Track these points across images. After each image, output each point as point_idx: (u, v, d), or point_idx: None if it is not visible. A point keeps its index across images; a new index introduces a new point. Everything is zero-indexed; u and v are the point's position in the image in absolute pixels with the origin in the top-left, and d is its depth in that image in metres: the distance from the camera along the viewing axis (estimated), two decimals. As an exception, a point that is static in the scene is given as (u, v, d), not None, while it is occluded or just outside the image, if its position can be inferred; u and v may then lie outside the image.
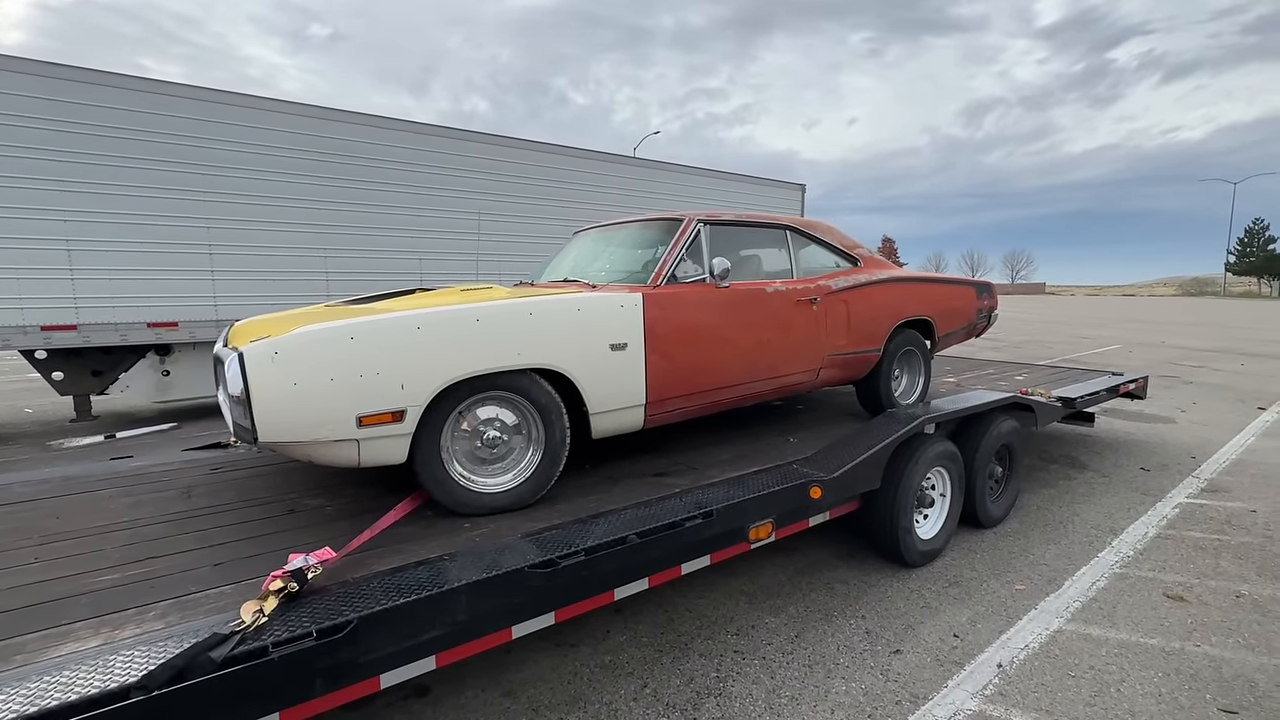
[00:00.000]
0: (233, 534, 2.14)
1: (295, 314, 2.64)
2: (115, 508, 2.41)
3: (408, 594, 1.71)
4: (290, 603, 1.64)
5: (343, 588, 1.76)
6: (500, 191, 8.61)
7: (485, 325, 2.21)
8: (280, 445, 1.93)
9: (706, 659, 2.57)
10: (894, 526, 3.16)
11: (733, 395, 3.08)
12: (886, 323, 3.70)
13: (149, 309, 6.44)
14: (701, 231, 3.03)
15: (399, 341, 2.04)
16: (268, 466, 2.98)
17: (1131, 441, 5.97)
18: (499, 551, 1.99)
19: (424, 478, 2.20)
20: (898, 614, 2.89)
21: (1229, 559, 3.42)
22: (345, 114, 7.31)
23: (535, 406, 2.36)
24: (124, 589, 1.75)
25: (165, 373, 6.85)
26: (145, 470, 2.91)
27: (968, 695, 2.32)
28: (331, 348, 1.94)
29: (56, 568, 1.88)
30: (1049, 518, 4.04)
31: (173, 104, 6.36)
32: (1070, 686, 2.36)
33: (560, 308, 2.42)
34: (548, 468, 2.40)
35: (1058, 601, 2.99)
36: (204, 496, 2.53)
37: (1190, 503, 4.29)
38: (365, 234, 7.60)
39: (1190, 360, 11.82)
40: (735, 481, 2.70)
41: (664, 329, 2.67)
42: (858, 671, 2.47)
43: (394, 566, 1.89)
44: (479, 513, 2.29)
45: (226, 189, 6.72)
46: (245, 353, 1.81)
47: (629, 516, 2.30)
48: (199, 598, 1.71)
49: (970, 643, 2.66)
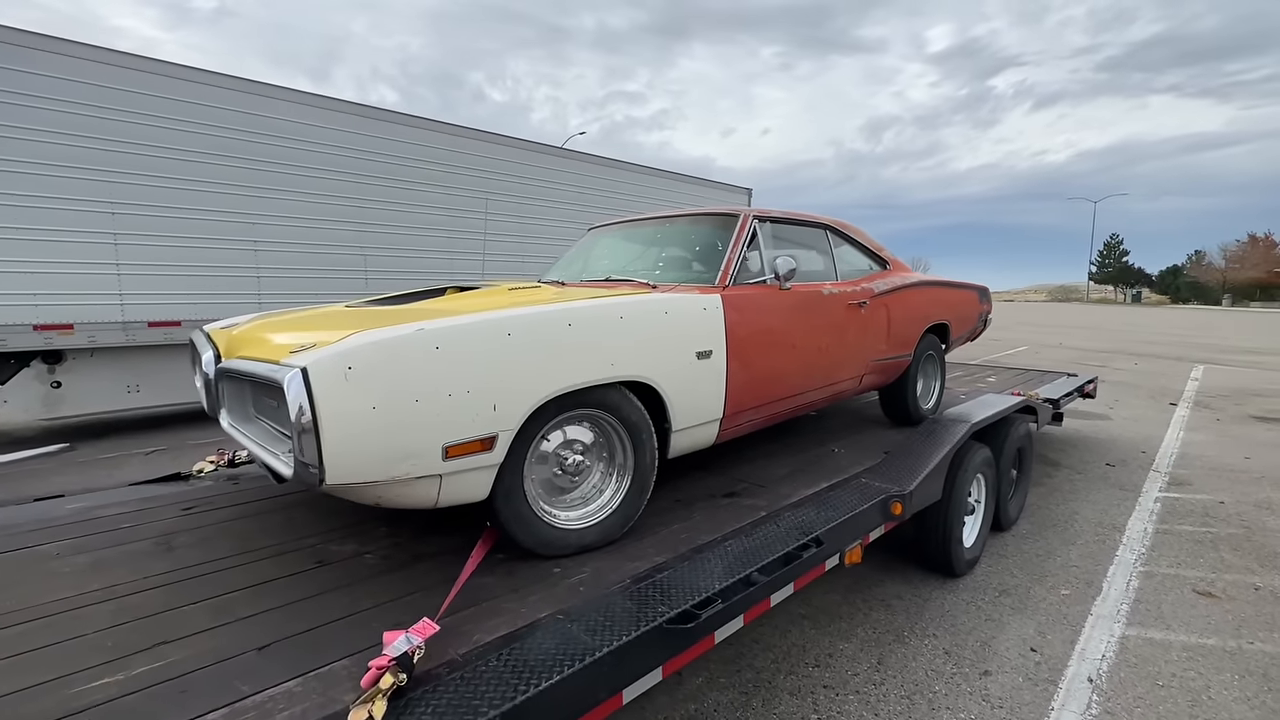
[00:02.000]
0: (257, 601, 1.66)
1: (311, 316, 2.15)
2: (71, 570, 1.83)
3: (543, 673, 1.35)
4: (397, 701, 1.24)
5: (451, 671, 1.36)
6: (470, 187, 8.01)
7: (577, 331, 1.86)
8: (351, 487, 1.49)
9: (799, 698, 2.33)
10: (947, 538, 3.06)
11: (792, 405, 2.87)
12: (918, 326, 3.63)
13: (36, 308, 5.39)
14: (758, 229, 2.79)
15: (489, 352, 1.65)
16: (256, 503, 2.43)
17: (1084, 438, 6.35)
18: (617, 604, 1.65)
19: (504, 515, 1.81)
20: (966, 629, 2.78)
21: (1228, 551, 3.60)
22: (236, 80, 6.39)
23: (625, 425, 2.02)
24: (143, 695, 1.26)
25: (55, 384, 5.76)
26: (91, 514, 2.28)
27: (1076, 717, 2.22)
28: (414, 360, 1.52)
29: (23, 669, 1.35)
30: (1053, 516, 4.13)
31: (66, 64, 5.35)
32: (1166, 699, 2.32)
33: (647, 310, 2.09)
34: (637, 496, 2.07)
35: (1106, 605, 3.00)
36: (191, 549, 1.99)
37: (1166, 497, 4.55)
38: (299, 225, 6.78)
39: (1092, 360, 12.97)
40: (817, 500, 2.48)
41: (742, 333, 2.41)
42: (958, 699, 2.32)
43: (502, 635, 1.50)
44: (564, 552, 1.93)
45: (136, 168, 5.74)
46: (311, 368, 1.36)
47: (734, 549, 2.02)
48: (260, 701, 1.26)
49: (1050, 657, 2.59)
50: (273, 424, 1.76)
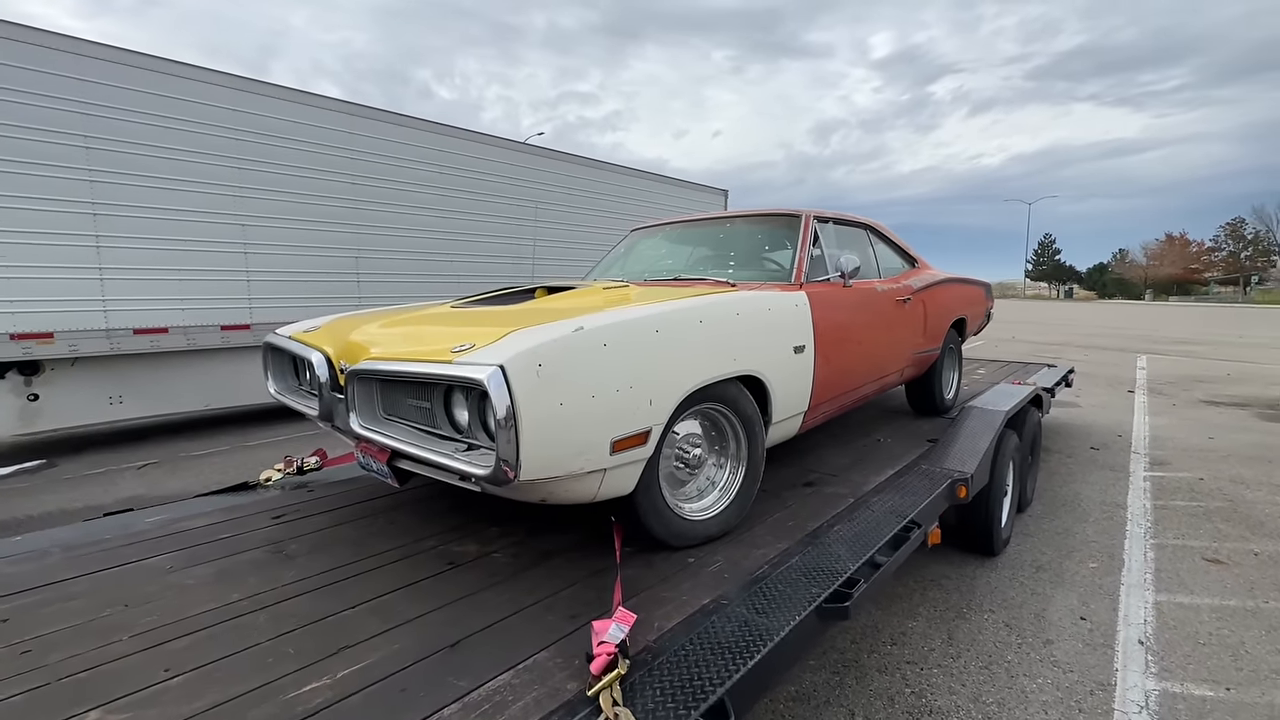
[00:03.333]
0: (415, 602, 1.65)
1: (424, 315, 2.14)
2: (196, 583, 1.77)
3: (740, 651, 1.41)
4: (622, 684, 1.28)
5: (656, 657, 1.41)
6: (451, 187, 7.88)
7: (707, 328, 1.92)
8: (535, 484, 1.51)
9: (887, 674, 2.45)
10: (989, 519, 3.26)
11: (855, 397, 3.00)
12: (946, 321, 3.83)
13: (13, 316, 5.04)
14: (818, 229, 2.91)
15: (644, 348, 1.70)
16: (343, 509, 2.39)
17: (1063, 424, 6.78)
18: (769, 588, 1.72)
19: (643, 508, 1.85)
20: (1017, 603, 2.97)
21: (1220, 522, 3.95)
22: (227, 76, 6.25)
23: (740, 418, 2.09)
24: (363, 697, 1.26)
25: (32, 397, 5.40)
26: (177, 526, 2.19)
27: (1140, 675, 2.42)
28: (589, 357, 1.55)
29: (219, 680, 1.32)
30: (1060, 497, 4.42)
31: (38, 55, 5.03)
32: (1211, 655, 2.56)
33: (758, 307, 2.17)
34: (750, 485, 2.15)
35: (1131, 575, 3.25)
36: (311, 556, 1.95)
37: (1153, 475, 4.92)
38: (292, 228, 6.55)
39: (1046, 353, 13.74)
40: (892, 486, 2.61)
41: (825, 329, 2.52)
42: (1032, 666, 2.49)
43: (680, 621, 1.56)
44: (692, 543, 1.98)
45: (120, 166, 5.44)
46: (508, 365, 1.38)
47: (844, 533, 2.12)
48: (486, 694, 1.27)
49: (1099, 624, 2.79)
50: (417, 424, 1.75)
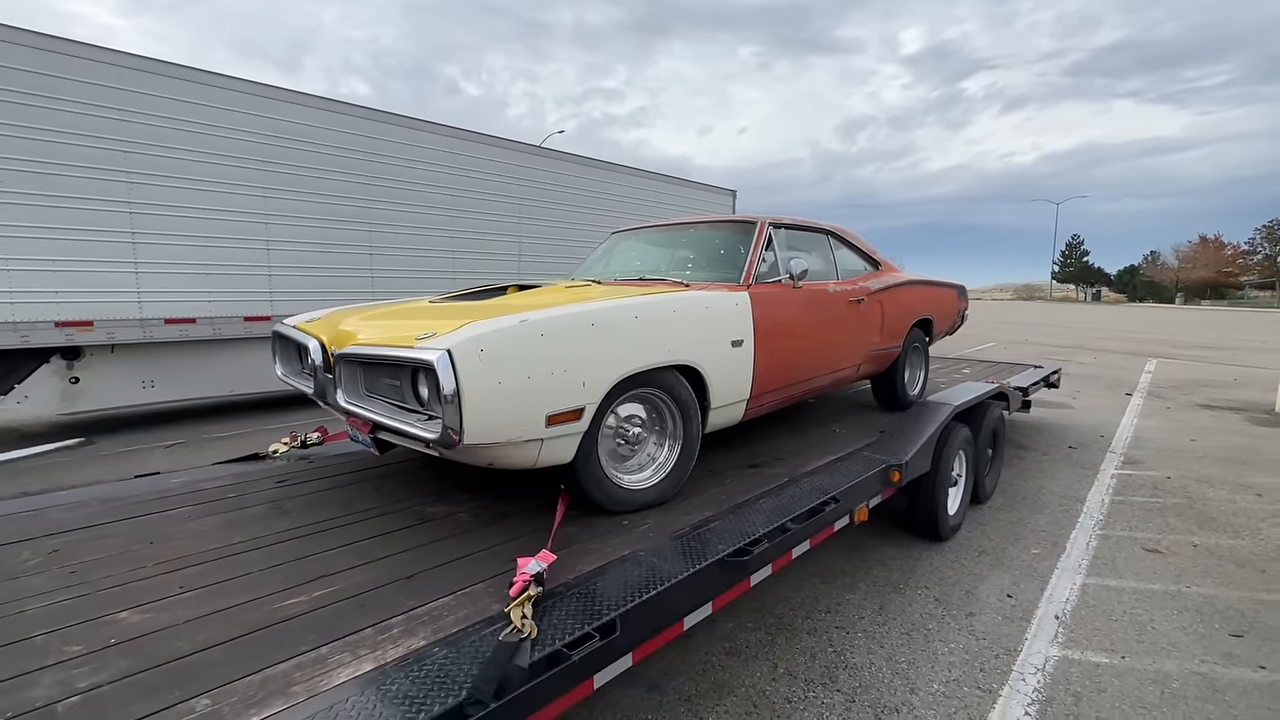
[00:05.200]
0: (385, 547, 1.99)
1: (404, 309, 2.48)
2: (209, 529, 2.13)
3: (642, 589, 1.71)
4: (537, 607, 1.59)
5: (570, 590, 1.72)
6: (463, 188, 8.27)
7: (642, 322, 2.22)
8: (478, 448, 1.83)
9: (815, 636, 2.73)
10: (934, 506, 3.50)
11: (804, 389, 3.27)
12: (906, 321, 4.07)
13: (57, 305, 5.53)
14: (772, 234, 3.19)
15: (580, 338, 2.01)
16: (338, 477, 2.74)
17: (1049, 424, 6.93)
18: (684, 544, 2.02)
19: (583, 475, 2.17)
20: (952, 581, 3.22)
21: (1173, 517, 4.13)
22: (251, 84, 6.60)
23: (676, 402, 2.39)
24: (331, 610, 1.60)
25: (73, 380, 5.90)
26: (197, 486, 2.56)
27: (1046, 644, 2.67)
28: (527, 344, 1.87)
29: (221, 595, 1.66)
30: (1023, 491, 4.63)
31: (87, 68, 5.50)
32: (1118, 630, 2.79)
33: (695, 305, 2.47)
34: (685, 462, 2.45)
35: (1069, 561, 3.48)
36: (303, 512, 2.30)
37: (1121, 473, 5.09)
38: (310, 225, 6.99)
39: (1056, 355, 13.75)
40: (829, 469, 2.89)
41: (766, 326, 2.80)
42: (949, 634, 2.75)
43: (599, 565, 1.87)
44: (628, 509, 2.29)
45: (155, 169, 5.91)
46: (454, 349, 1.70)
47: (768, 505, 2.41)
48: (430, 610, 1.60)
49: (1023, 601, 3.04)
50: (390, 399, 2.09)
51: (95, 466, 5.17)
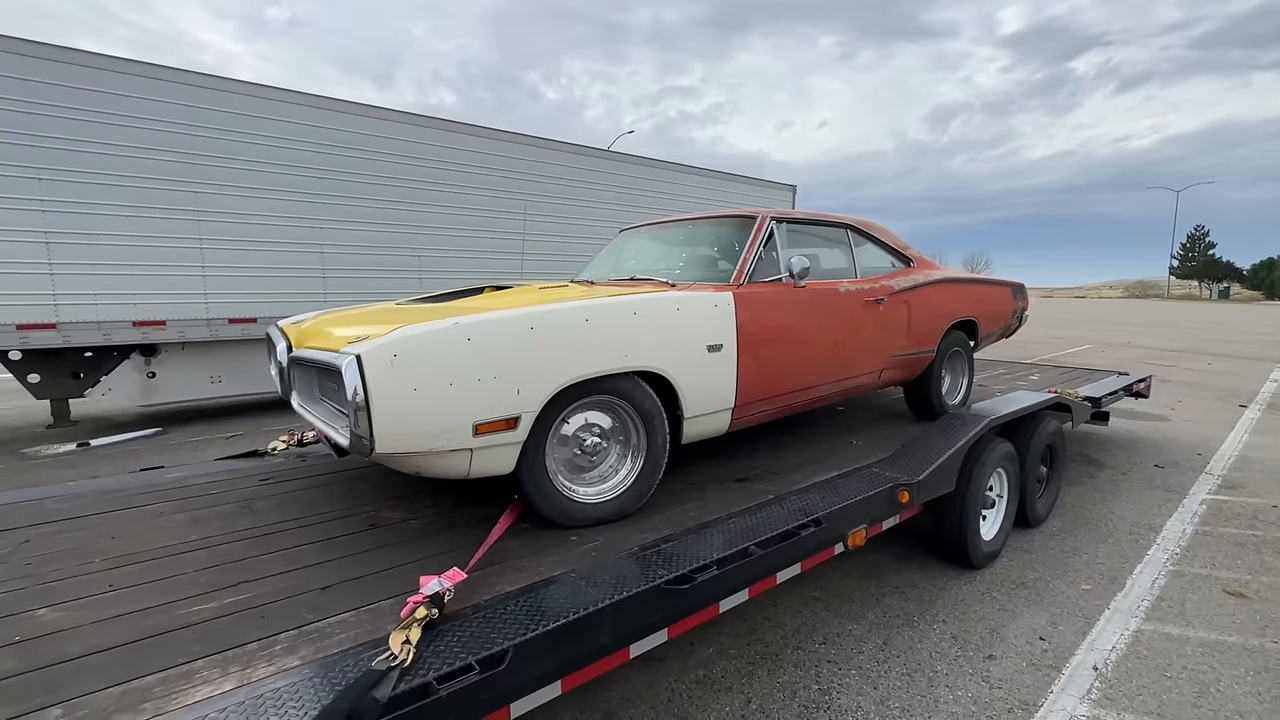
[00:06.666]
0: (322, 553, 1.96)
1: (365, 313, 2.46)
2: (173, 525, 2.19)
3: (553, 617, 1.58)
4: (430, 631, 1.49)
5: (477, 612, 1.61)
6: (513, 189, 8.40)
7: (594, 325, 2.08)
8: (395, 456, 1.76)
9: (802, 670, 2.49)
10: (964, 529, 3.13)
11: (806, 398, 3.01)
12: (941, 323, 3.68)
13: (135, 306, 6.04)
14: (775, 230, 2.95)
15: (514, 343, 1.90)
16: (321, 475, 2.78)
17: (1136, 439, 6.15)
18: (623, 567, 1.86)
19: (528, 487, 2.05)
20: (977, 617, 2.86)
21: (1270, 554, 3.51)
22: (324, 99, 6.93)
23: (638, 411, 2.23)
24: (231, 619, 1.57)
25: (150, 374, 6.44)
26: (187, 482, 2.66)
27: (1075, 700, 2.30)
28: (450, 349, 1.78)
29: (140, 596, 1.68)
30: (1087, 516, 4.09)
31: (161, 88, 5.97)
32: (1171, 688, 2.36)
33: (662, 307, 2.30)
34: (649, 475, 2.28)
35: (1127, 601, 3.01)
36: (269, 511, 2.33)
37: (1214, 499, 4.41)
38: (361, 230, 7.29)
39: (1160, 360, 12.31)
40: (825, 486, 2.62)
41: (753, 329, 2.58)
42: (959, 679, 2.42)
43: (522, 586, 1.75)
44: (582, 524, 2.16)
45: (218, 179, 6.34)
46: (364, 355, 1.64)
47: (737, 525, 2.20)
48: (321, 627, 1.54)
49: (1058, 645, 2.64)
50: (334, 404, 2.06)
51: (163, 455, 5.60)
